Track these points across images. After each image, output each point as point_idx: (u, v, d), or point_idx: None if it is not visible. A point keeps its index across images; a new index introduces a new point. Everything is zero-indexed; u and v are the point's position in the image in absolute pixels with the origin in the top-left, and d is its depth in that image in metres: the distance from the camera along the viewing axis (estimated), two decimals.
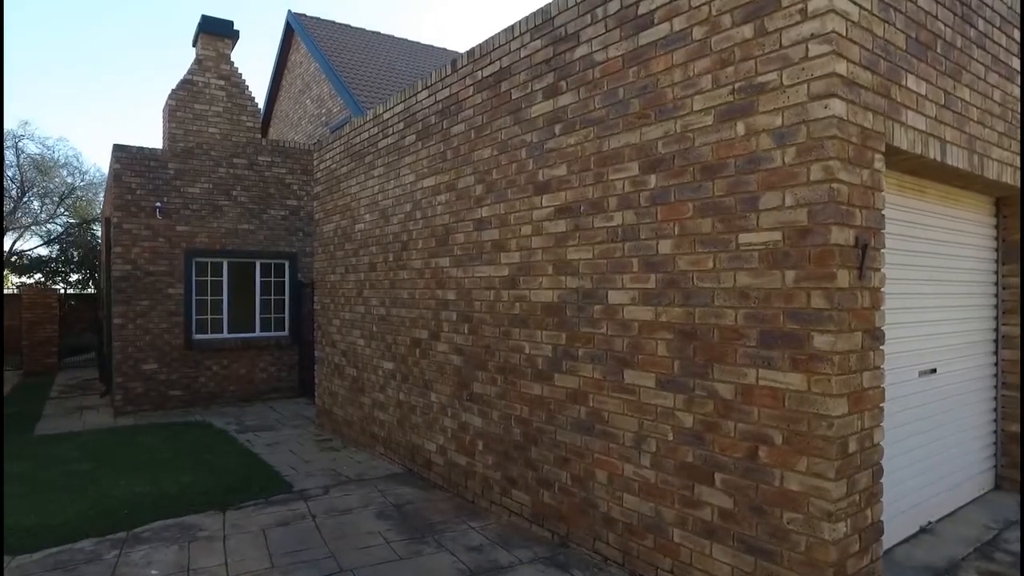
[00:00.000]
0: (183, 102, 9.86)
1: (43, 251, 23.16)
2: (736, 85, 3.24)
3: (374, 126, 6.70)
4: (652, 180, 3.69)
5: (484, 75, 4.99)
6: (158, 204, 9.54)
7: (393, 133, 6.30)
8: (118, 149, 9.38)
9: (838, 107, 2.87)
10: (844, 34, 2.89)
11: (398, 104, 6.22)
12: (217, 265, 10.15)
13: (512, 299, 4.75)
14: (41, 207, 23.46)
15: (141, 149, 9.56)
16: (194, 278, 9.89)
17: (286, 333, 10.63)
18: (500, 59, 4.83)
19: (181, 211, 9.75)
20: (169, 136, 9.78)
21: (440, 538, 4.50)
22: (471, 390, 5.22)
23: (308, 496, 5.42)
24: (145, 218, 9.48)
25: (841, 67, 2.88)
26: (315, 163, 8.37)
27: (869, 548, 3.04)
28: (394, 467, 6.33)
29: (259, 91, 36.00)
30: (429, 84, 5.70)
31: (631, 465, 3.84)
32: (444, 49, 17.87)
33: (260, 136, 10.55)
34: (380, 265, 6.61)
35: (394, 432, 6.40)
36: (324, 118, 14.45)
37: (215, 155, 10.06)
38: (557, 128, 4.32)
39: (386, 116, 6.45)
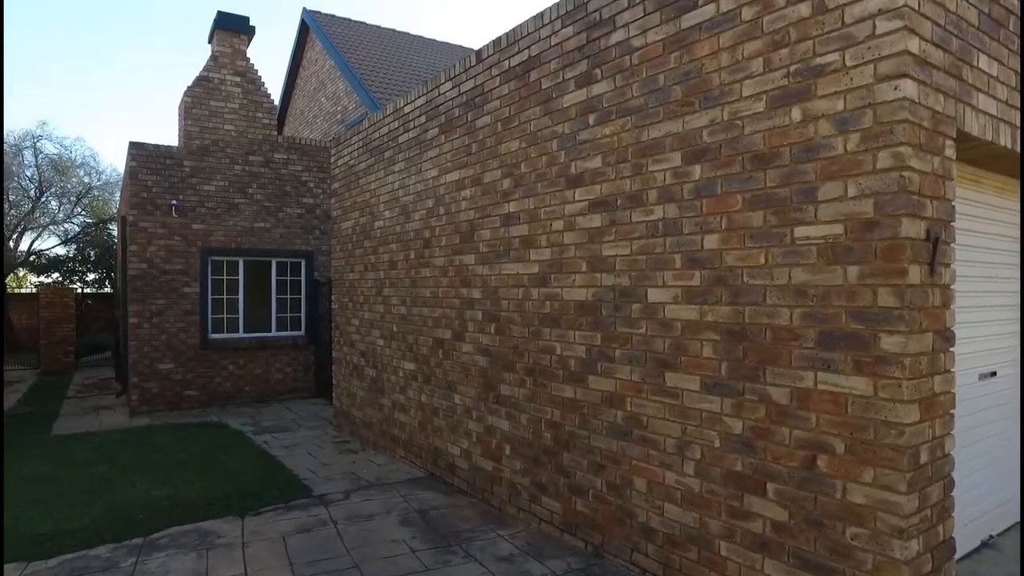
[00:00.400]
0: (199, 99, 9.74)
1: (61, 250, 23.27)
2: (791, 68, 3.02)
3: (394, 120, 6.52)
4: (696, 171, 3.47)
5: (512, 64, 4.79)
6: (174, 202, 9.42)
7: (414, 127, 6.11)
8: (134, 147, 9.27)
9: (909, 88, 2.64)
10: (917, 8, 2.66)
11: (419, 97, 6.04)
12: (233, 264, 10.02)
13: (542, 298, 4.54)
14: (59, 207, 23.57)
15: (157, 147, 9.45)
16: (210, 277, 9.77)
17: (302, 333, 10.49)
18: (529, 47, 4.63)
19: (197, 209, 9.63)
20: (185, 133, 9.66)
21: (468, 547, 4.30)
22: (498, 392, 5.02)
23: (328, 501, 5.25)
24: (161, 216, 9.37)
25: (913, 44, 2.65)
26: (332, 159, 8.21)
27: (942, 568, 2.80)
28: (415, 471, 6.14)
29: (274, 89, 35.89)
30: (453, 75, 5.51)
31: (673, 473, 3.62)
32: (460, 46, 17.70)
33: (276, 133, 10.42)
34: (401, 263, 6.42)
35: (415, 435, 6.22)
36: (340, 115, 14.31)
37: (231, 152, 9.93)
38: (591, 118, 4.11)
39: (407, 110, 6.26)
